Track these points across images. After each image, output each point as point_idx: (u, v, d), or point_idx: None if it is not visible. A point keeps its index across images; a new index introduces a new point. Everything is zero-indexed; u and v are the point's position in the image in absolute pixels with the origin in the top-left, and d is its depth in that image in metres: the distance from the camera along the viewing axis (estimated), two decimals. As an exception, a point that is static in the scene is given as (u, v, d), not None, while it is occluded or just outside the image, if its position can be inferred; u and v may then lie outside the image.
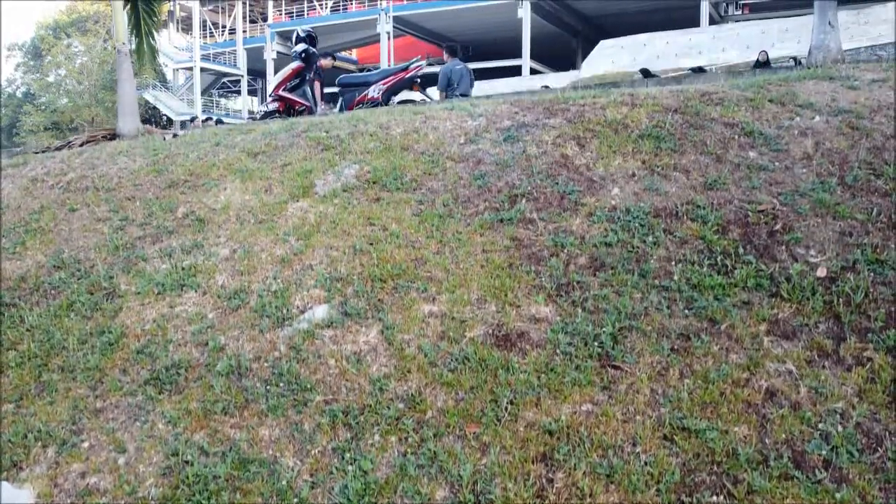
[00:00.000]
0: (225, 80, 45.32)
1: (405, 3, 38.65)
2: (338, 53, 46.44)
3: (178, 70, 42.60)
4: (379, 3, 38.87)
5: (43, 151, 6.84)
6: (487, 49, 43.53)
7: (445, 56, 10.90)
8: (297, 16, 43.13)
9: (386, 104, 7.67)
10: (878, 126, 4.53)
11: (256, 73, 46.47)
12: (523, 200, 4.31)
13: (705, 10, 33.29)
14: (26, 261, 4.87)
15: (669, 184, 4.27)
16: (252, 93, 51.14)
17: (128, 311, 4.11)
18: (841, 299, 3.43)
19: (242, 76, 42.34)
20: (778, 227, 3.86)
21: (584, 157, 4.60)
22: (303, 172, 4.95)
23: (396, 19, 36.92)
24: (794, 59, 13.63)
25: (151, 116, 41.59)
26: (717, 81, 5.89)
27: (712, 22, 33.70)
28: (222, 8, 44.76)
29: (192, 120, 17.26)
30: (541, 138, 4.84)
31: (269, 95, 7.67)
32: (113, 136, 6.80)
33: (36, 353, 3.98)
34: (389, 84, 7.61)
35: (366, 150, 5.11)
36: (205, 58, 41.15)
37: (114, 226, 4.96)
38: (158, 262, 4.46)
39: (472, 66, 36.70)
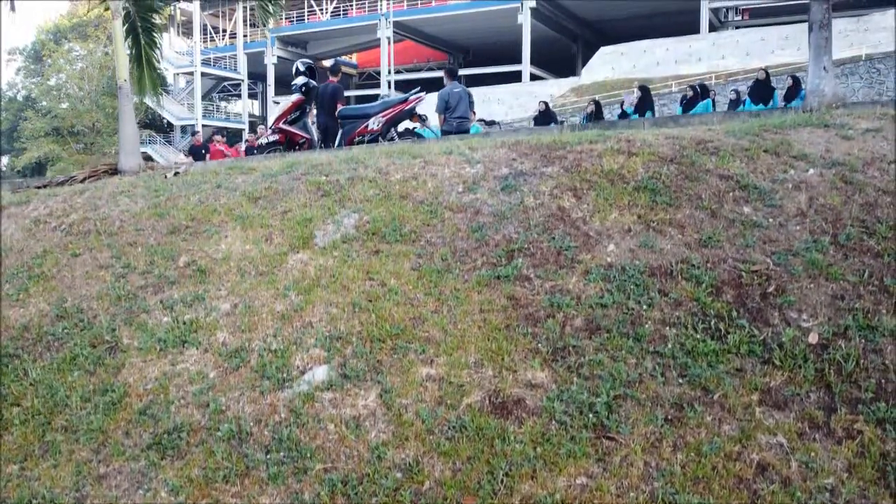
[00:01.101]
0: (225, 83, 45.42)
1: (405, 8, 38.68)
2: (339, 58, 46.59)
3: (178, 74, 42.64)
4: (379, 8, 38.92)
5: (45, 186, 6.89)
6: (487, 53, 43.62)
7: (445, 79, 10.96)
8: (297, 20, 43.14)
9: (386, 136, 7.73)
10: (871, 180, 4.59)
11: (257, 76, 46.57)
12: (520, 256, 4.36)
13: (705, 15, 33.38)
14: (30, 308, 4.93)
15: (664, 240, 4.33)
16: (252, 96, 51.23)
17: (130, 367, 4.17)
18: (832, 368, 3.49)
19: (243, 80, 42.40)
20: (771, 288, 3.92)
21: (580, 210, 4.66)
22: (303, 221, 5.01)
23: (396, 24, 36.96)
24: (793, 77, 13.68)
25: (152, 121, 41.67)
26: (712, 124, 5.94)
27: (712, 27, 33.78)
28: (223, 12, 44.78)
29: (194, 134, 17.29)
30: (538, 188, 4.90)
31: (270, 128, 7.72)
32: (114, 172, 6.86)
33: (40, 410, 4.04)
34: (389, 116, 7.66)
35: (365, 197, 5.16)
36: (205, 62, 41.23)
37: (116, 273, 5.01)
38: (160, 315, 4.51)
39: (472, 71, 37.06)
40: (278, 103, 42.58)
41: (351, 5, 42.37)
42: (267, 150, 7.81)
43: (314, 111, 8.75)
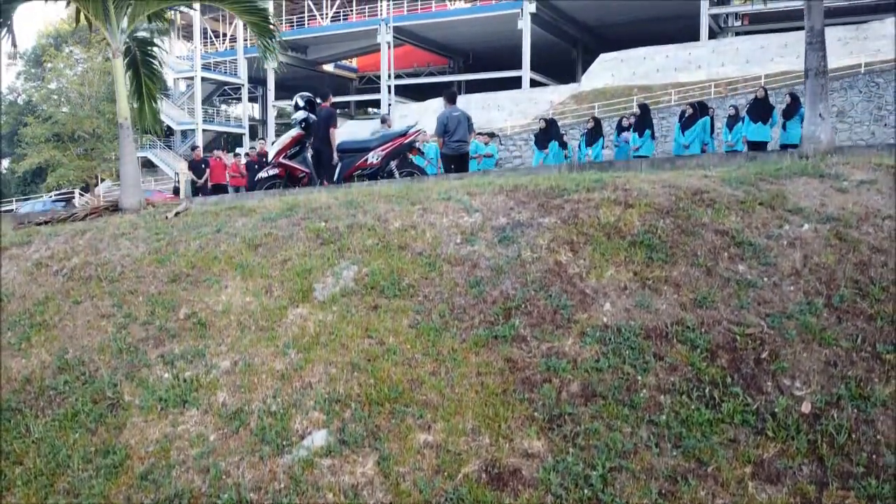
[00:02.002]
0: (226, 87, 45.43)
1: (405, 13, 38.70)
2: (339, 62, 46.55)
3: (178, 79, 42.62)
4: (379, 13, 38.94)
5: (47, 222, 6.93)
6: (488, 58, 43.64)
7: (444, 103, 11.01)
8: (297, 25, 43.16)
9: (385, 169, 7.78)
10: (865, 237, 4.63)
11: (257, 80, 46.56)
12: (517, 315, 4.41)
13: (705, 21, 33.39)
14: (31, 359, 4.98)
15: (660, 300, 4.37)
16: (252, 100, 51.24)
17: (132, 427, 4.21)
18: (825, 440, 3.54)
19: (243, 85, 42.42)
20: (765, 353, 3.97)
21: (577, 266, 4.70)
22: (302, 272, 5.05)
23: (396, 29, 36.98)
24: (792, 95, 13.72)
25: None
26: (709, 167, 5.98)
27: (711, 33, 33.81)
28: (223, 16, 44.78)
29: (194, 149, 17.32)
30: (535, 241, 4.94)
31: (270, 162, 7.77)
32: (116, 209, 6.90)
33: (42, 470, 4.08)
34: (388, 150, 7.70)
35: (364, 247, 5.21)
36: (205, 67, 41.23)
37: (117, 323, 5.06)
38: (161, 371, 4.56)
39: (472, 77, 37.07)
40: (276, 109, 42.50)
41: (351, 10, 42.41)
42: (267, 184, 7.86)
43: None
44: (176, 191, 22.74)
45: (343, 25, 40.54)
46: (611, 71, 31.84)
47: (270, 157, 7.77)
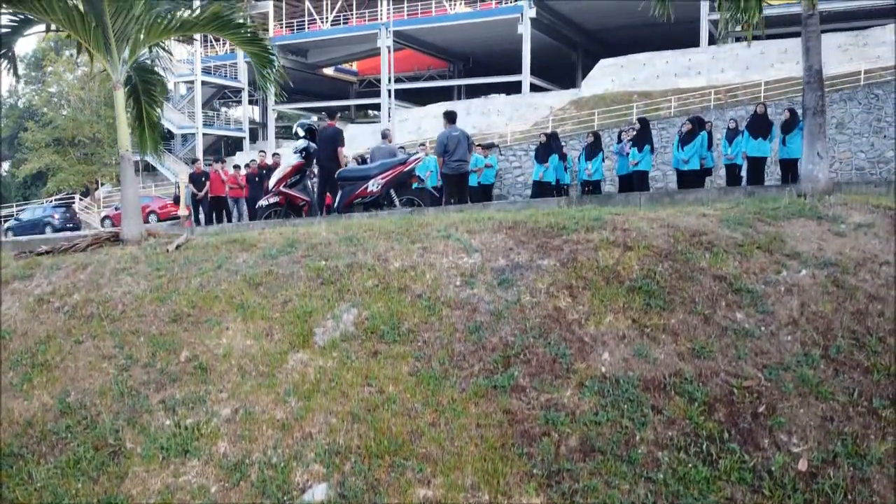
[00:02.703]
0: (226, 90, 45.43)
1: (405, 17, 38.71)
2: (339, 66, 46.52)
3: (178, 82, 42.63)
4: (379, 17, 38.94)
5: (48, 252, 6.95)
6: (488, 61, 43.66)
7: (444, 123, 11.06)
8: (297, 29, 43.16)
9: (385, 197, 7.80)
10: (862, 283, 4.66)
11: (257, 84, 46.48)
12: (516, 363, 4.44)
13: (705, 26, 33.40)
14: (33, 401, 5.01)
15: (658, 348, 4.40)
16: (253, 102, 51.24)
17: (133, 477, 4.24)
18: (821, 499, 3.57)
19: (243, 89, 42.42)
20: (762, 407, 4.00)
21: (575, 312, 4.73)
22: (303, 315, 5.08)
23: (396, 34, 36.95)
24: (791, 110, 13.74)
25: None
26: (709, 203, 6.01)
27: (711, 38, 33.80)
28: (223, 20, 44.72)
29: (194, 162, 17.34)
30: (534, 285, 4.97)
31: (270, 190, 7.80)
32: (116, 239, 6.93)
33: (44, 521, 4.11)
34: (388, 178, 7.73)
35: (364, 288, 5.23)
36: (205, 70, 41.21)
37: (119, 365, 5.09)
38: (162, 417, 4.59)
39: (472, 81, 37.01)
40: (276, 113, 42.48)
41: (351, 14, 42.41)
42: (267, 212, 7.89)
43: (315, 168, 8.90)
44: (176, 199, 22.80)
45: (343, 29, 40.54)
46: (611, 76, 31.86)
47: (271, 185, 7.81)
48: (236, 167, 17.74)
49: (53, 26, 6.74)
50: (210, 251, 6.28)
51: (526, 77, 35.64)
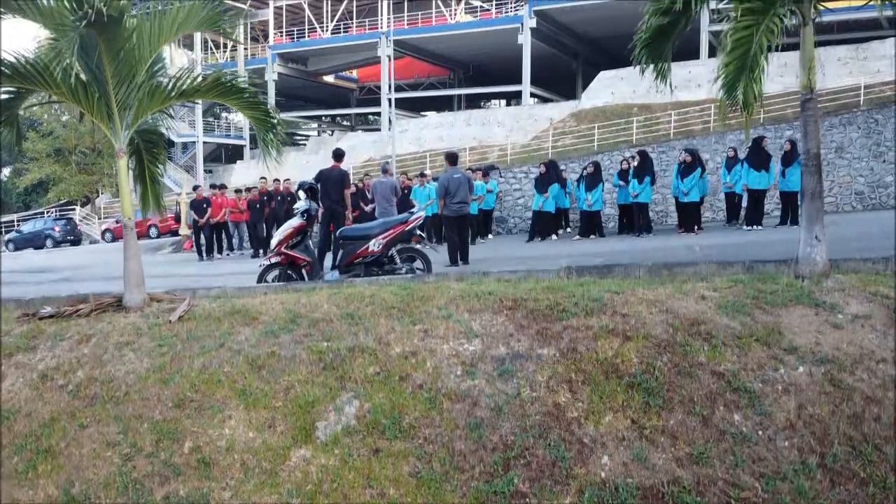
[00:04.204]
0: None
1: (406, 27, 38.70)
2: (339, 73, 46.53)
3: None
4: (380, 26, 38.93)
5: (51, 317, 6.99)
6: (489, 69, 43.66)
7: (445, 164, 11.12)
8: (297, 37, 43.16)
9: (386, 255, 7.85)
10: (859, 384, 4.71)
11: (257, 87, 46.46)
12: (516, 466, 4.49)
13: (705, 38, 33.37)
14: (38, 491, 5.06)
15: (657, 453, 4.45)
16: (253, 108, 50.95)
17: (138, 583, 4.30)
18: None
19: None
20: (759, 522, 4.05)
21: (575, 409, 4.78)
22: (305, 405, 5.13)
23: (397, 42, 36.91)
24: (791, 142, 13.77)
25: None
26: (708, 280, 6.06)
27: (712, 50, 33.76)
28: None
29: (196, 189, 17.44)
30: (534, 378, 5.02)
31: (271, 250, 7.86)
32: (119, 304, 6.97)
33: None
34: (389, 238, 7.78)
35: (366, 376, 5.28)
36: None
37: (123, 454, 5.14)
38: (166, 515, 4.64)
39: (472, 91, 36.96)
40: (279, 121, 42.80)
41: (351, 23, 42.40)
42: (268, 271, 7.95)
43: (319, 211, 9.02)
44: (177, 217, 22.86)
45: (343, 38, 40.55)
46: (611, 89, 31.85)
47: (273, 245, 7.86)
48: (237, 191, 17.81)
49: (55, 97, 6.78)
50: (212, 324, 6.32)
51: (526, 87, 35.65)
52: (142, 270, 7.03)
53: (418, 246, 8.07)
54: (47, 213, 36.95)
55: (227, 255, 17.74)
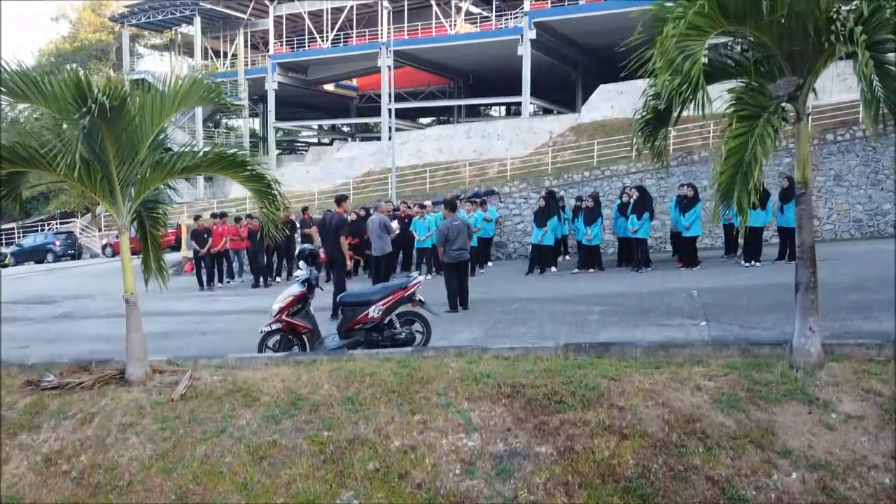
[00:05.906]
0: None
1: (406, 37, 38.73)
2: (339, 82, 46.57)
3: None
4: (380, 36, 38.96)
5: (53, 388, 7.06)
6: (488, 78, 43.71)
7: (444, 212, 11.20)
8: (297, 47, 43.20)
9: (385, 320, 7.93)
10: (850, 492, 4.78)
11: (258, 99, 46.66)
12: (514, 578, 4.57)
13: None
14: (43, 588, 5.14)
15: (652, 566, 4.53)
16: (254, 115, 51.37)
17: None
18: None
19: (244, 106, 42.48)
20: None
21: (572, 516, 4.86)
22: (306, 503, 5.21)
23: (397, 53, 36.94)
24: (789, 178, 13.84)
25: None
26: (704, 364, 6.13)
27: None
28: (224, 36, 44.80)
29: (197, 219, 17.52)
30: (532, 479, 5.10)
31: (273, 316, 7.93)
32: (122, 376, 7.04)
33: None
34: (388, 303, 7.86)
35: (365, 472, 5.36)
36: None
37: (126, 551, 5.22)
38: None
39: (472, 101, 37.04)
40: (278, 130, 42.57)
41: (351, 33, 42.43)
42: (269, 337, 8.03)
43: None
44: (178, 240, 22.92)
45: (343, 48, 40.61)
46: (610, 102, 31.86)
47: (273, 312, 7.94)
48: (237, 220, 17.88)
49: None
50: (214, 405, 6.40)
51: (526, 98, 35.71)
52: (145, 343, 7.10)
53: (418, 309, 8.14)
54: (48, 226, 37.03)
55: (228, 282, 17.82)
